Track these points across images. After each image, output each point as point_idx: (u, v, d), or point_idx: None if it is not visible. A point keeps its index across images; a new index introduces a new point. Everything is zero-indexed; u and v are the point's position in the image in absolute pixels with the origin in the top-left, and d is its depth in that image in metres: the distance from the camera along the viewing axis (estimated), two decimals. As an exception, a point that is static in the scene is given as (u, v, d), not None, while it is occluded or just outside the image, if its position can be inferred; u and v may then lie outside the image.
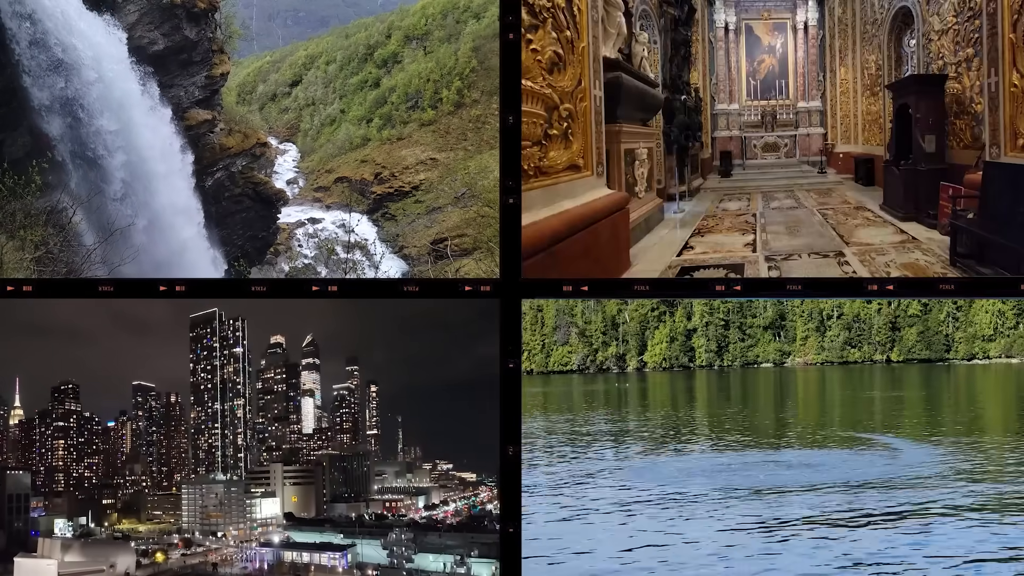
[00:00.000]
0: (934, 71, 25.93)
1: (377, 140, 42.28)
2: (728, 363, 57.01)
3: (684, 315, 58.01)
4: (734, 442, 26.74)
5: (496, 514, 13.65)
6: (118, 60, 31.45)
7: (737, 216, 29.70)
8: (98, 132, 30.42)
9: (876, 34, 32.52)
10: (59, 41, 29.39)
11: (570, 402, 45.97)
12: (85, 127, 30.17)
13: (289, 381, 22.75)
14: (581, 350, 58.47)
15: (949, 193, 21.93)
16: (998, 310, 53.18)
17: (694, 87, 35.90)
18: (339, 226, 39.76)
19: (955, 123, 24.43)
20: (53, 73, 29.54)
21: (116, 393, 22.80)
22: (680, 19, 33.49)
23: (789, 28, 41.54)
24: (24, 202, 23.47)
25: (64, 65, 29.58)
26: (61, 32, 29.42)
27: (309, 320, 22.31)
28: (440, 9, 45.48)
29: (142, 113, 32.04)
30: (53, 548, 17.42)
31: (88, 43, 30.12)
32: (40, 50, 29.15)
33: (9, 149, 28.06)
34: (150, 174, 31.92)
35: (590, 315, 58.63)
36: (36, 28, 28.99)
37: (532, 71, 16.09)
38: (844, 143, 38.15)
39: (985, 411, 36.68)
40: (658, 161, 29.32)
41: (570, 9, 18.42)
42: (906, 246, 22.33)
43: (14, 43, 28.89)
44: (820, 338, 56.64)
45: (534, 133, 16.37)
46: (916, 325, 54.76)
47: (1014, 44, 19.82)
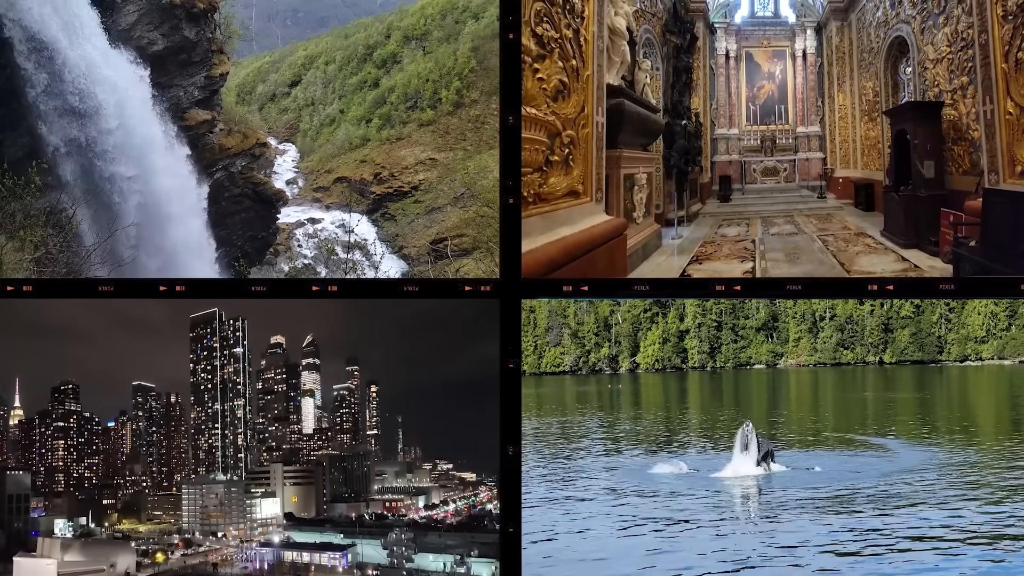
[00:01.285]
0: (930, 98, 25.99)
1: (376, 140, 42.29)
2: (721, 364, 57.12)
3: (677, 316, 58.11)
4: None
5: (496, 514, 13.73)
6: (141, 101, 31.25)
7: (736, 242, 29.67)
8: (112, 178, 30.26)
9: (873, 62, 32.83)
10: (79, 90, 29.20)
11: (562, 403, 46.00)
12: (99, 172, 29.98)
13: (289, 381, 22.79)
14: (573, 351, 58.48)
15: (950, 220, 21.92)
16: (990, 312, 53.37)
17: (695, 112, 36.19)
18: (339, 226, 39.76)
19: (953, 149, 24.50)
20: (70, 120, 29.35)
21: (116, 393, 22.83)
22: (682, 47, 33.84)
23: (788, 56, 41.88)
24: (24, 203, 23.47)
25: (83, 113, 29.39)
26: (83, 81, 29.22)
27: (309, 320, 22.36)
28: (439, 9, 45.51)
29: (161, 155, 31.84)
30: (53, 548, 17.45)
31: (112, 88, 29.93)
32: (58, 98, 28.93)
33: (9, 149, 28.03)
34: (164, 216, 31.70)
35: (582, 316, 58.72)
36: (56, 77, 28.80)
37: (537, 99, 16.07)
38: (843, 168, 38.46)
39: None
40: (657, 186, 29.44)
41: (577, 39, 18.46)
42: (908, 274, 22.23)
43: (29, 86, 28.78)
44: (813, 339, 56.78)
45: (535, 160, 16.30)
46: (909, 327, 54.92)
47: (1007, 73, 19.97)
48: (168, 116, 32.43)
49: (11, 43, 28.32)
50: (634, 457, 25.20)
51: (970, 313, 53.90)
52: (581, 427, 33.94)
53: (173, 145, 32.60)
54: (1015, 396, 43.74)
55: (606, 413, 41.18)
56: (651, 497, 19.39)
